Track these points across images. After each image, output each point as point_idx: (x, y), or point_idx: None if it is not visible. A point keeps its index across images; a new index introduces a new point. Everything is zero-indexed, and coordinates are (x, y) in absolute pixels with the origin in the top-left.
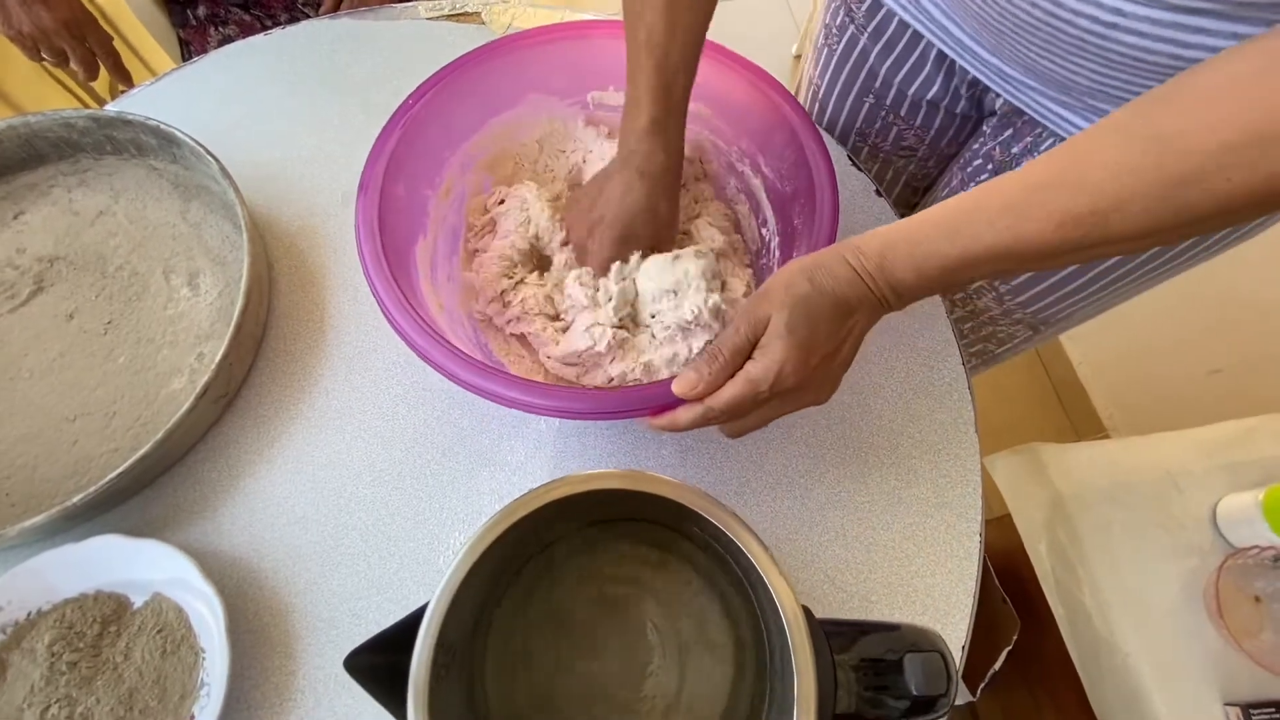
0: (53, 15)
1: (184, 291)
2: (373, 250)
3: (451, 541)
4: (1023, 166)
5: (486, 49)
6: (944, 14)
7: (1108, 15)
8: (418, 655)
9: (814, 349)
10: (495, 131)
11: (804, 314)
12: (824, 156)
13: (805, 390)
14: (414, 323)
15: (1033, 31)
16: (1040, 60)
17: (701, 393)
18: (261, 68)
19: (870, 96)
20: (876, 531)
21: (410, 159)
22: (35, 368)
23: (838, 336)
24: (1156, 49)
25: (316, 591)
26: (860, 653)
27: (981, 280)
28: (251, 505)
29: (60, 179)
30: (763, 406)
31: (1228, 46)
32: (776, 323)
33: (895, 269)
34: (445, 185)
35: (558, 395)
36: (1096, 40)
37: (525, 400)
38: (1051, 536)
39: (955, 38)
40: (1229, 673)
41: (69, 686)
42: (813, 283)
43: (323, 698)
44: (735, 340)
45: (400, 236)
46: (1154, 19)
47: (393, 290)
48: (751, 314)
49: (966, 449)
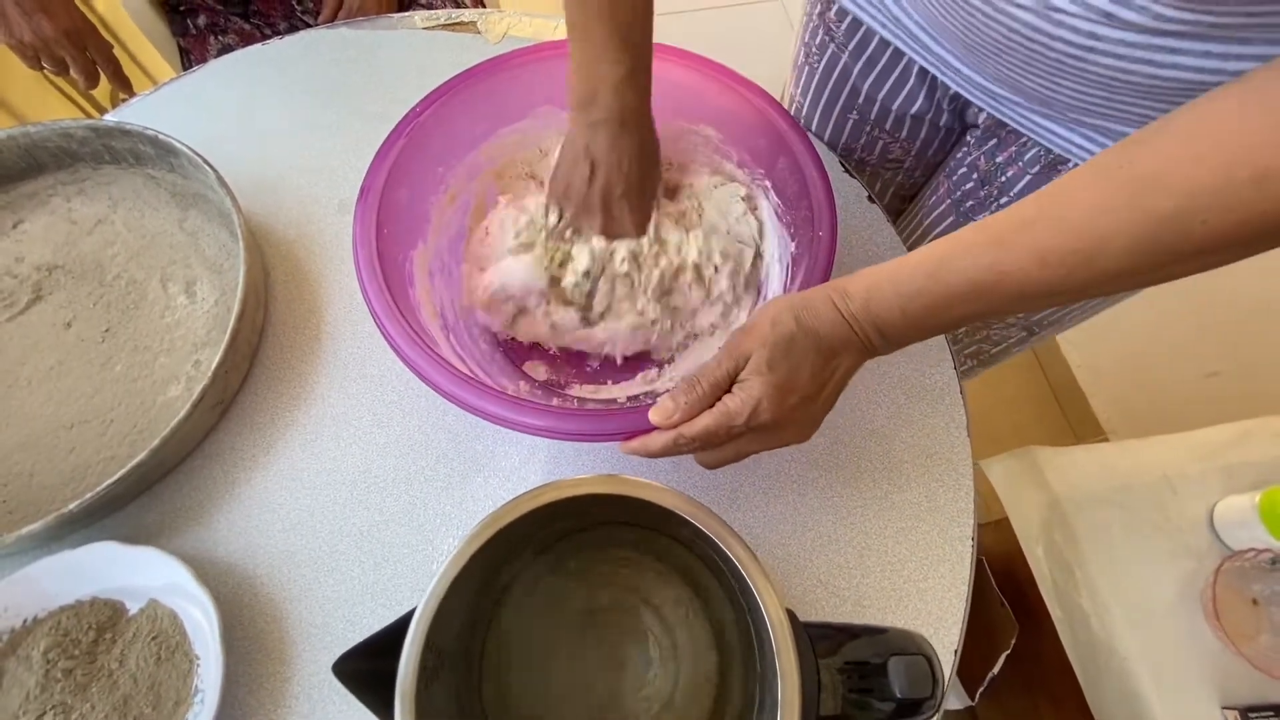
0: (54, 24)
1: (181, 299)
2: (367, 256)
3: (446, 547)
4: (1007, 208)
5: (495, 61)
6: (924, 32)
7: (1083, 39)
8: (405, 660)
9: (793, 389)
10: (503, 141)
11: (785, 353)
12: (822, 176)
13: (783, 428)
14: (403, 331)
15: (1011, 52)
16: (1021, 79)
17: (676, 421)
18: (260, 77)
19: (854, 113)
20: (869, 536)
21: (413, 167)
22: (33, 376)
23: (820, 378)
24: (1133, 69)
25: (311, 597)
26: (845, 656)
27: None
28: (247, 512)
29: (59, 188)
30: (738, 440)
31: (1202, 65)
32: (758, 359)
33: (880, 310)
34: (450, 193)
35: (538, 414)
36: (1074, 62)
37: (506, 417)
38: (1049, 540)
39: (936, 54)
40: (1227, 676)
41: (64, 693)
42: (798, 322)
43: (317, 704)
44: (715, 373)
45: (399, 243)
46: (1129, 41)
47: (384, 297)
48: (735, 348)
49: (959, 453)
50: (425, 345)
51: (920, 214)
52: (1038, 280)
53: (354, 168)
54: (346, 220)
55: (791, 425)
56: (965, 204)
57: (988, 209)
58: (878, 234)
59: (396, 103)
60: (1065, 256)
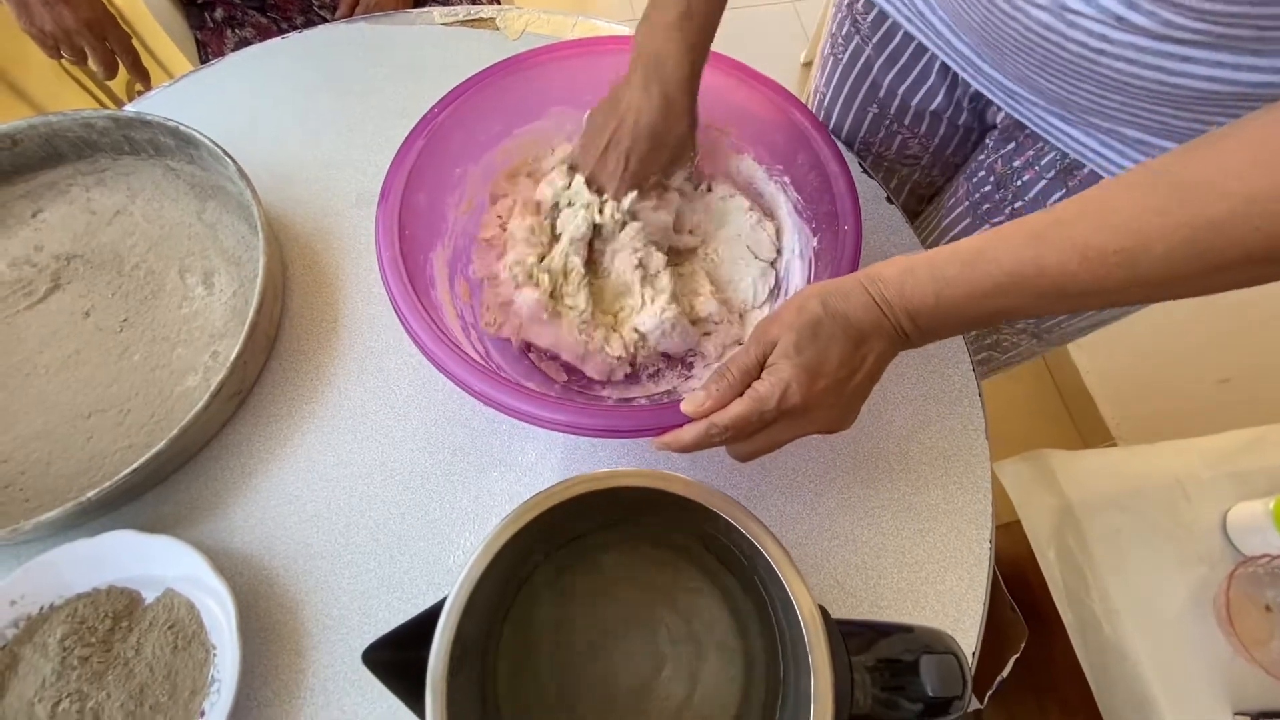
0: (75, 15)
1: (199, 290)
2: (391, 257)
3: (462, 541)
4: (1049, 207)
5: (512, 61)
6: (948, 28)
7: (1096, 42)
8: (436, 649)
9: (821, 372)
10: (519, 142)
11: (812, 336)
12: (843, 169)
13: (814, 413)
14: (430, 331)
15: (1029, 51)
16: (1039, 78)
17: (708, 410)
18: (277, 71)
19: (875, 106)
20: (886, 537)
21: (432, 168)
22: (51, 364)
23: (849, 364)
24: (1145, 75)
25: (327, 589)
26: (877, 654)
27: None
28: (263, 503)
29: (79, 178)
30: (770, 427)
31: (1213, 75)
32: (785, 343)
33: (915, 294)
34: (468, 195)
35: (565, 410)
36: (1088, 64)
37: (532, 413)
38: (1060, 543)
39: (959, 51)
40: (1239, 682)
41: (80, 681)
42: (825, 306)
43: (333, 695)
44: (744, 360)
45: (419, 244)
46: (1140, 46)
47: (410, 298)
48: (762, 334)
49: (977, 456)
50: (454, 346)
51: (938, 215)
52: (1077, 276)
53: (372, 162)
54: (364, 214)
55: (822, 409)
56: (981, 206)
57: (1002, 212)
58: (896, 234)
59: (415, 98)
60: (1108, 255)
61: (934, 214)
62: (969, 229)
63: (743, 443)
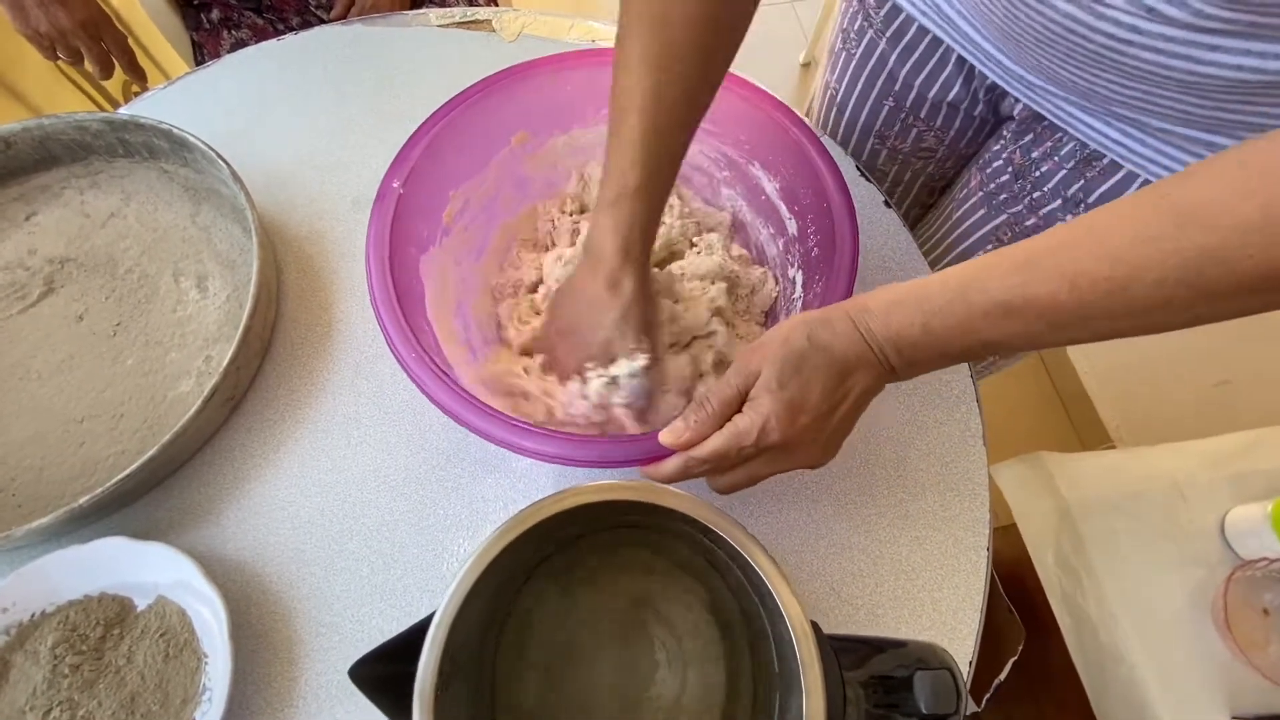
0: (70, 16)
1: (193, 294)
2: (379, 259)
3: (455, 548)
4: (1042, 231)
5: (523, 67)
6: (966, 21)
7: (1124, 33)
8: (423, 666)
9: (804, 407)
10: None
11: (795, 369)
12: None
13: (794, 450)
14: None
15: (1052, 44)
16: (1061, 70)
17: (687, 442)
18: (273, 73)
19: (890, 99)
20: (883, 544)
21: (431, 173)
22: (44, 369)
23: (832, 397)
24: (1172, 64)
25: (320, 597)
26: (870, 670)
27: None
28: (256, 509)
29: (72, 181)
30: (750, 462)
31: (1241, 63)
32: (767, 375)
33: (900, 326)
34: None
35: (544, 440)
36: (1113, 55)
37: (512, 442)
38: (1057, 546)
39: (976, 44)
40: (1236, 686)
41: (71, 689)
42: (810, 339)
43: (324, 704)
44: (725, 392)
45: (412, 250)
46: (1169, 36)
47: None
48: (744, 366)
49: (974, 462)
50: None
51: (951, 207)
52: (1066, 305)
53: (367, 165)
54: (359, 217)
55: (803, 446)
56: (998, 197)
57: (1021, 202)
58: (894, 239)
59: (411, 101)
60: (1098, 282)
61: (946, 205)
62: (985, 219)
63: (721, 476)
